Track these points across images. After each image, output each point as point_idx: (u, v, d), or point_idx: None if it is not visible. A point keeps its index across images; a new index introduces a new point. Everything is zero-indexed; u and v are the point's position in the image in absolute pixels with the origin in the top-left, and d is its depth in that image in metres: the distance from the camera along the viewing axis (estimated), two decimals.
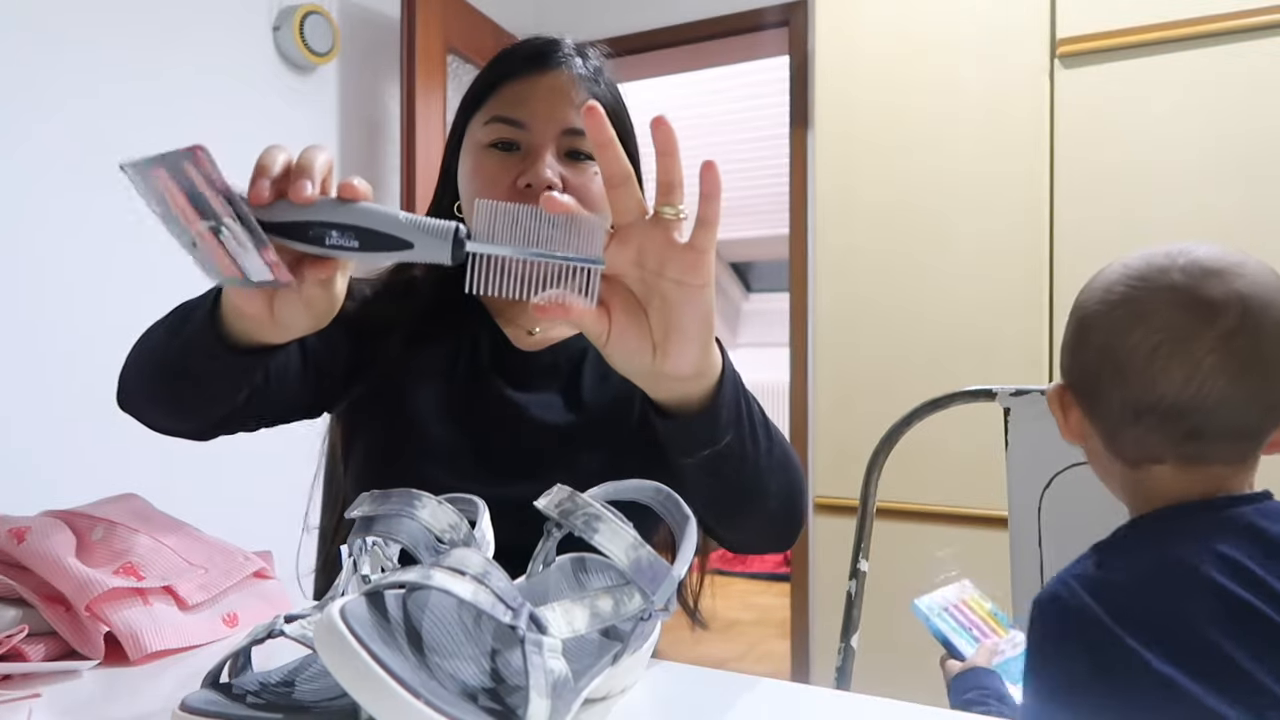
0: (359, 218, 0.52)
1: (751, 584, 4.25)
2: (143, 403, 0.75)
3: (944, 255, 1.92)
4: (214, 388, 0.69)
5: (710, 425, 0.60)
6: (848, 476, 1.98)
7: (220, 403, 0.71)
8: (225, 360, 0.64)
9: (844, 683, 1.00)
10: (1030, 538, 0.96)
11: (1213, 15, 1.69)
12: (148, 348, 0.72)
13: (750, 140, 4.58)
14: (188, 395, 0.70)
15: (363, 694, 0.38)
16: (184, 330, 0.66)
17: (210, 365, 0.65)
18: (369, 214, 0.52)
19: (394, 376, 0.86)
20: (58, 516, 0.67)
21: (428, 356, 0.88)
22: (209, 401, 0.71)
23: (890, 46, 1.99)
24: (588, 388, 0.87)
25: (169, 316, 0.71)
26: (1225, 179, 1.68)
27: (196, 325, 0.64)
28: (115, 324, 1.92)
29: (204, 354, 0.64)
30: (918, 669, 1.96)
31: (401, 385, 0.86)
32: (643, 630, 0.51)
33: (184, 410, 0.73)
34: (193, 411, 0.73)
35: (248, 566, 0.70)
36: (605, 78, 0.90)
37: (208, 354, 0.64)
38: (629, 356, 0.55)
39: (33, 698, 0.52)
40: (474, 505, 0.57)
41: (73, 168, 1.84)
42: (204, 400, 0.71)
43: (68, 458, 1.79)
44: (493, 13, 2.83)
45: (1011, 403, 0.97)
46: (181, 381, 0.69)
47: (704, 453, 0.62)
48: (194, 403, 0.71)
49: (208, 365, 0.65)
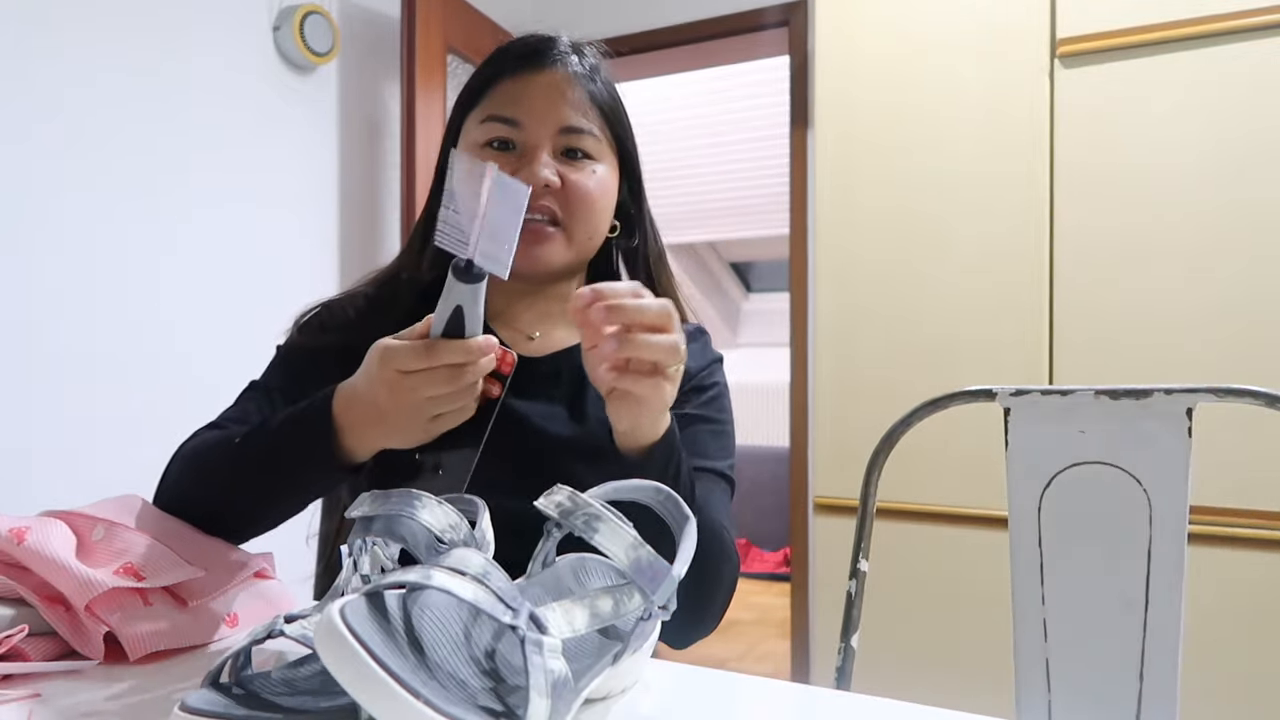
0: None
1: (751, 584, 4.25)
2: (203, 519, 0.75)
3: (944, 255, 1.92)
4: (300, 504, 0.76)
5: (638, 466, 0.69)
6: (848, 476, 1.98)
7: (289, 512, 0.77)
8: (337, 478, 0.72)
9: (844, 683, 1.00)
10: (1030, 538, 0.96)
11: (1213, 15, 1.69)
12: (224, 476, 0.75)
13: (750, 140, 4.58)
14: (268, 516, 0.76)
15: (363, 694, 0.38)
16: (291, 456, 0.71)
17: (322, 484, 0.75)
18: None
19: None
20: (58, 516, 0.67)
21: None
22: (282, 516, 0.76)
23: (890, 46, 1.99)
24: (592, 399, 0.86)
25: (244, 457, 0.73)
26: (1225, 179, 1.68)
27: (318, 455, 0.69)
28: (115, 324, 1.92)
29: (321, 476, 0.72)
30: (918, 669, 1.96)
31: None
32: (643, 630, 0.51)
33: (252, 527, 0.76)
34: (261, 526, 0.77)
35: (248, 566, 0.70)
36: (602, 76, 0.89)
37: (324, 473, 0.71)
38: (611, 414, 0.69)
39: (33, 698, 0.52)
40: (474, 505, 0.57)
41: (72, 167, 1.84)
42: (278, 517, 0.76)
43: (68, 458, 1.79)
44: (492, 12, 2.83)
45: (1011, 403, 0.97)
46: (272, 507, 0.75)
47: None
48: (265, 522, 0.76)
49: (321, 485, 0.75)
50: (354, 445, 0.68)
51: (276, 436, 0.71)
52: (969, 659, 1.81)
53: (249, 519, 0.74)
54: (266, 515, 0.75)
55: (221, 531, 0.73)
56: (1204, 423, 0.90)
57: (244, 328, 2.12)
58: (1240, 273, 1.66)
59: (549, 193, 0.83)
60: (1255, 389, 0.87)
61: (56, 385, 1.80)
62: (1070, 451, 0.94)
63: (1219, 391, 0.88)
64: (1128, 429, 0.91)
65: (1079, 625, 0.93)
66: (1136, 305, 1.74)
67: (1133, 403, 0.91)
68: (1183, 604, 0.88)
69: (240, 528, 0.74)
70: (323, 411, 0.68)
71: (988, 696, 1.27)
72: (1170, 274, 1.72)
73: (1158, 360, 1.72)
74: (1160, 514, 0.89)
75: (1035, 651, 0.95)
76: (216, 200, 2.11)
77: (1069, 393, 0.94)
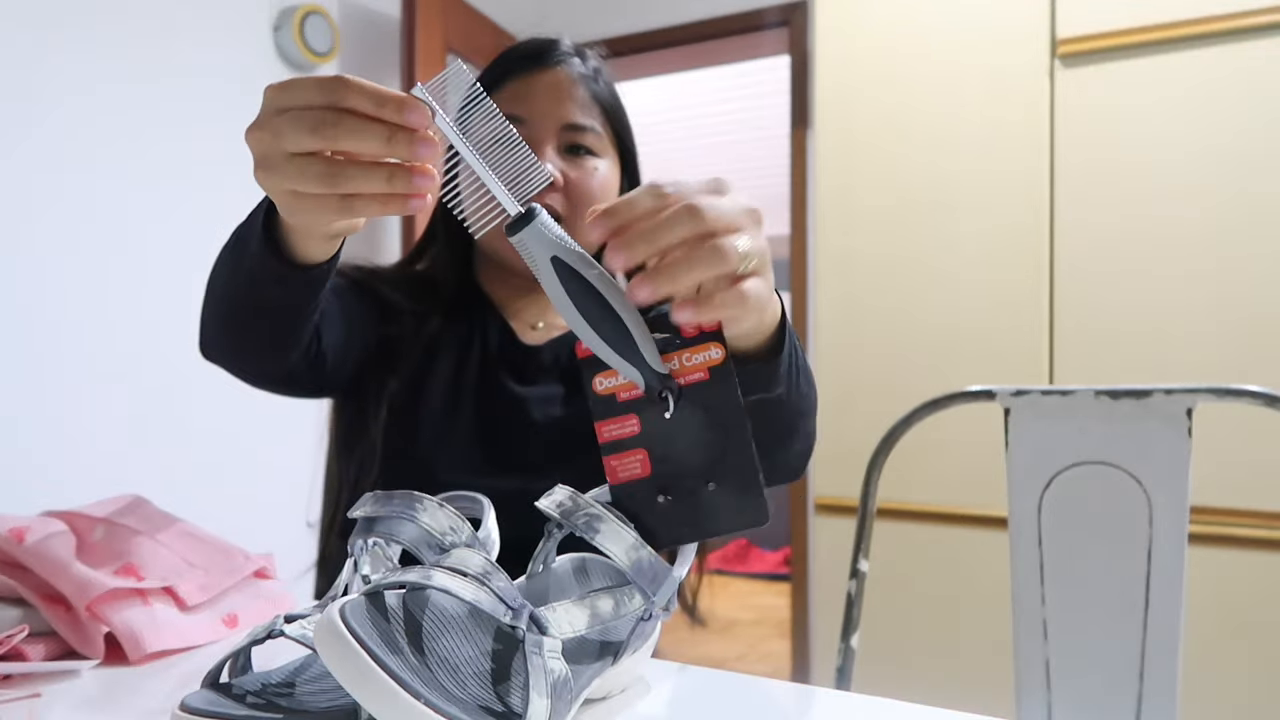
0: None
1: (751, 584, 4.25)
2: (226, 348, 0.73)
3: (944, 255, 1.92)
4: (287, 314, 0.68)
5: (768, 378, 0.58)
6: (848, 476, 1.98)
7: (297, 330, 0.70)
8: (292, 280, 0.62)
9: (844, 683, 1.00)
10: (1030, 538, 0.96)
11: (1213, 15, 1.69)
12: (216, 292, 0.70)
13: (750, 140, 4.58)
14: (265, 328, 0.69)
15: (363, 694, 0.38)
16: (245, 265, 0.63)
17: (278, 290, 0.63)
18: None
19: (409, 366, 0.87)
20: (58, 516, 0.67)
21: (441, 348, 0.89)
22: (287, 330, 0.70)
23: (890, 46, 1.99)
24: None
25: (224, 257, 0.68)
26: (1226, 179, 1.68)
27: (257, 255, 0.61)
28: (116, 324, 1.92)
29: (272, 280, 0.62)
30: (918, 669, 1.96)
31: (413, 376, 0.87)
32: (643, 630, 0.51)
33: (264, 346, 0.72)
34: (272, 346, 0.72)
35: (248, 566, 0.70)
36: (604, 77, 0.91)
37: (275, 279, 0.61)
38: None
39: (33, 698, 0.52)
40: (479, 504, 0.57)
41: (72, 167, 1.84)
42: (282, 330, 0.70)
43: (68, 458, 1.79)
44: (493, 13, 2.83)
45: (1011, 403, 0.97)
46: (259, 316, 0.68)
47: (752, 398, 0.59)
48: (273, 335, 0.70)
49: (276, 291, 0.63)
50: (287, 231, 0.60)
51: (240, 227, 0.65)
52: (969, 659, 1.81)
53: (256, 314, 0.68)
54: (265, 310, 0.68)
55: (233, 333, 0.70)
56: (1204, 423, 0.90)
57: None
58: (1241, 272, 1.66)
59: (553, 190, 0.85)
60: (1255, 389, 0.87)
61: (57, 386, 1.80)
62: (1070, 451, 0.94)
63: (1219, 391, 0.88)
64: (1128, 429, 0.91)
65: (1079, 625, 0.93)
66: (1137, 305, 1.74)
67: (1133, 402, 0.91)
68: (1183, 604, 0.88)
69: (258, 325, 0.69)
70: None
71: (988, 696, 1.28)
72: (1170, 274, 1.72)
73: (1158, 360, 1.72)
74: (1160, 514, 0.89)
75: (1035, 651, 0.95)
76: (216, 200, 2.11)
77: (1069, 393, 0.94)
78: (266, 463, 2.03)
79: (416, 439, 0.85)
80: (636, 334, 0.48)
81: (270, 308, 0.67)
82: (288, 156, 0.47)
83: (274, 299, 0.65)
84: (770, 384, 0.59)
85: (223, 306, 0.69)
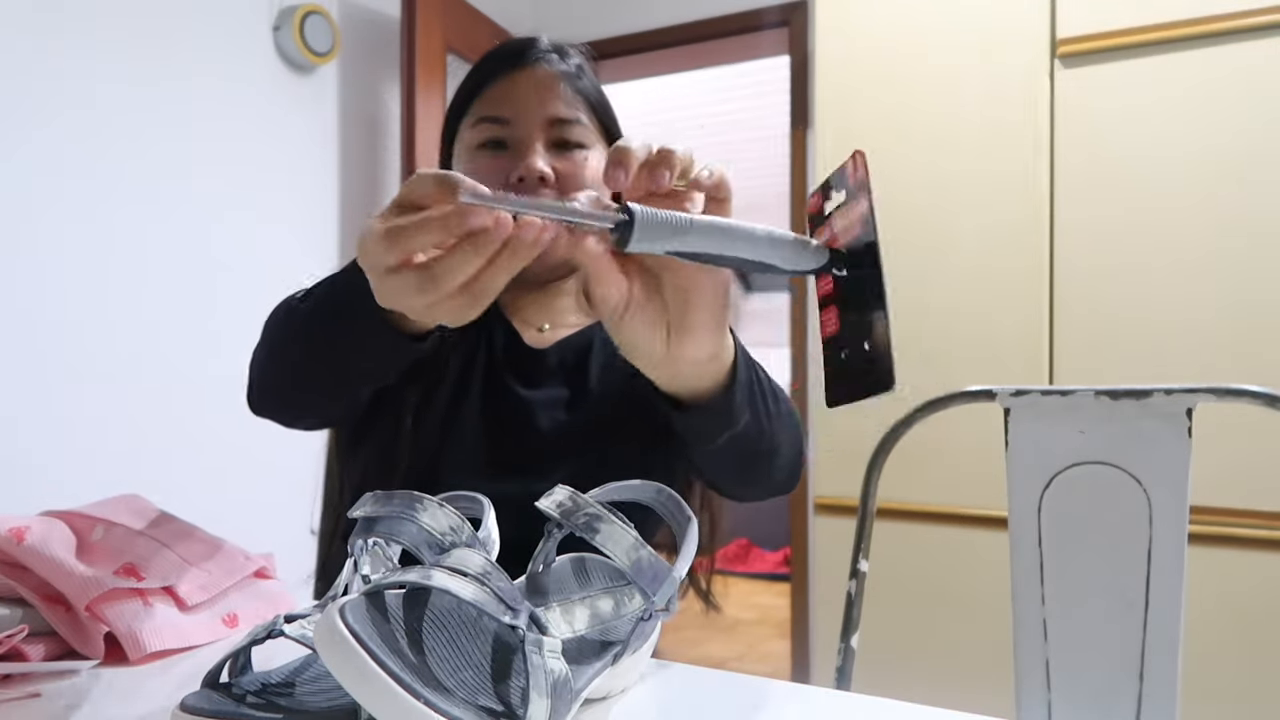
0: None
1: (751, 584, 4.25)
2: (294, 405, 0.75)
3: (944, 255, 1.92)
4: (386, 378, 0.70)
5: (728, 411, 0.61)
6: (848, 476, 1.98)
7: (371, 386, 0.73)
8: (406, 350, 0.63)
9: (844, 683, 1.00)
10: (1030, 538, 0.96)
11: (1213, 15, 1.69)
12: (293, 356, 0.71)
13: (751, 140, 4.58)
14: (359, 391, 0.73)
15: (363, 694, 0.38)
16: (352, 338, 0.65)
17: (393, 357, 0.65)
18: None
19: (419, 371, 0.87)
20: (58, 516, 0.67)
21: (448, 351, 0.88)
22: (372, 389, 0.74)
23: (890, 46, 1.99)
24: (594, 377, 0.88)
25: (309, 325, 0.68)
26: (1226, 179, 1.68)
27: (367, 327, 0.62)
28: (116, 324, 1.92)
29: (388, 348, 0.64)
30: (918, 669, 1.96)
31: (422, 380, 0.86)
32: (643, 630, 0.51)
33: (344, 404, 0.75)
34: (352, 404, 0.75)
35: (248, 566, 0.70)
36: (587, 73, 0.91)
37: (391, 347, 0.63)
38: (642, 339, 0.53)
39: (33, 698, 0.52)
40: (479, 504, 0.57)
41: (73, 169, 1.84)
42: (369, 390, 0.73)
43: (68, 458, 1.79)
44: (492, 13, 2.83)
45: (1011, 403, 0.97)
46: (363, 381, 0.71)
47: (723, 437, 0.63)
48: (360, 395, 0.74)
49: (392, 358, 0.65)
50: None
51: (324, 296, 0.67)
52: (969, 659, 1.81)
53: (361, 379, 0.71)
54: (369, 376, 0.70)
55: (312, 393, 0.72)
56: (1204, 423, 0.90)
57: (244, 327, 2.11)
58: (1240, 273, 1.66)
59: (544, 186, 0.85)
60: (1255, 389, 0.87)
61: (58, 386, 1.80)
62: (1070, 451, 0.94)
63: (1219, 391, 0.88)
64: (1128, 429, 0.91)
65: (1079, 625, 0.93)
66: (1137, 305, 1.74)
67: (1133, 403, 0.91)
68: (1183, 604, 0.88)
69: (321, 389, 0.72)
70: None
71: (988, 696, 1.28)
72: (1170, 274, 1.72)
73: (1158, 360, 1.72)
74: (1160, 514, 0.89)
75: (1035, 651, 0.95)
76: (216, 200, 2.11)
77: (1069, 393, 0.94)
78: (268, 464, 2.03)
79: (420, 441, 0.84)
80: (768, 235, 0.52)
81: (375, 374, 0.69)
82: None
83: (386, 366, 0.68)
84: (731, 416, 0.61)
85: (308, 368, 0.70)
